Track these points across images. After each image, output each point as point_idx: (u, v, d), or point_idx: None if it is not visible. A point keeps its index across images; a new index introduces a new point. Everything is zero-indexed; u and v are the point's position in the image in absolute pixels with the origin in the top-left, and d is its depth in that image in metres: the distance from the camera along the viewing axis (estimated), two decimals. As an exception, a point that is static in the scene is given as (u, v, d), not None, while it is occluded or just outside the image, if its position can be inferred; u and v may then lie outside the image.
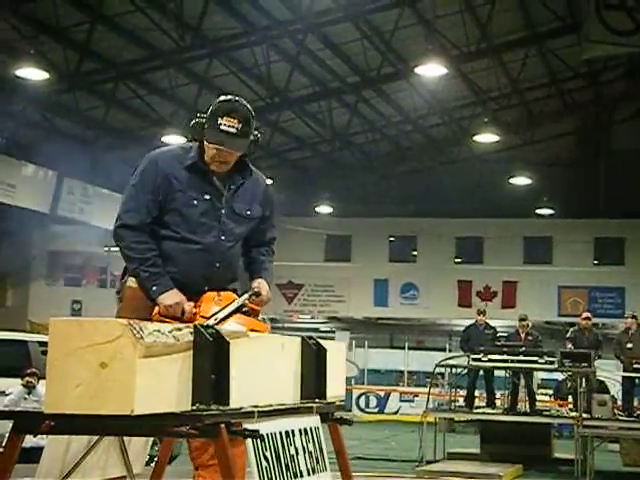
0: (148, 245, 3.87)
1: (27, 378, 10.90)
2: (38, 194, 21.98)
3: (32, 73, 16.44)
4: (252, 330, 3.66)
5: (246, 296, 3.85)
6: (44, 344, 2.49)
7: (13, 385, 11.02)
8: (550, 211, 27.66)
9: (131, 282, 3.93)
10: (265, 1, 16.93)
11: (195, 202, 3.91)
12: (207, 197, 3.94)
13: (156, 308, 3.76)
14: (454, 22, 18.70)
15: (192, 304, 3.78)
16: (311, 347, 3.73)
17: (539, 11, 19.13)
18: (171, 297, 3.77)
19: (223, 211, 3.96)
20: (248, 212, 4.06)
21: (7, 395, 10.89)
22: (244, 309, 3.81)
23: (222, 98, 3.94)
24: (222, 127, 3.82)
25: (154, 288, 3.79)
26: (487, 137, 22.35)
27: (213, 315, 3.67)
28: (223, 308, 3.72)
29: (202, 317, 3.66)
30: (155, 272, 3.82)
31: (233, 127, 3.83)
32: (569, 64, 22.03)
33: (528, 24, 19.87)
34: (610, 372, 15.92)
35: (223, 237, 3.96)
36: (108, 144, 22.63)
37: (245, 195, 4.05)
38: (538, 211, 27.75)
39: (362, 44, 18.97)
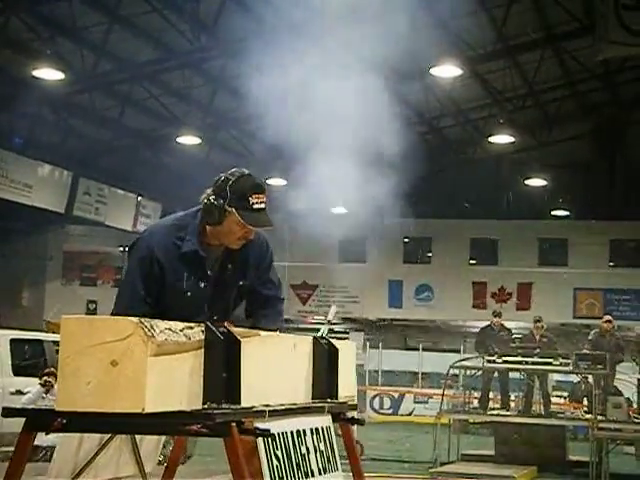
0: None
1: (45, 377, 10.96)
2: (54, 194, 22.08)
3: (48, 73, 16.53)
4: None
5: None
6: (59, 343, 2.50)
7: (32, 384, 11.10)
8: (565, 212, 27.56)
9: None
10: (281, 2, 16.93)
11: (189, 293, 3.80)
12: (202, 285, 3.83)
13: None
14: (470, 23, 18.65)
15: None
16: (323, 346, 3.73)
17: (555, 12, 19.06)
18: None
19: (215, 289, 3.86)
20: (240, 283, 3.95)
21: (25, 394, 10.98)
22: None
23: (237, 174, 3.77)
24: (255, 206, 3.70)
25: None
26: (502, 138, 22.27)
27: None
28: None
29: None
30: None
31: (263, 202, 3.73)
32: (585, 65, 21.93)
33: (544, 25, 19.80)
34: (625, 374, 15.84)
35: (216, 317, 3.83)
36: (123, 144, 22.72)
37: (238, 265, 3.93)
38: (553, 212, 27.65)
39: (377, 45, 18.93)
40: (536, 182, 25.66)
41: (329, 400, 3.71)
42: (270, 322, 3.99)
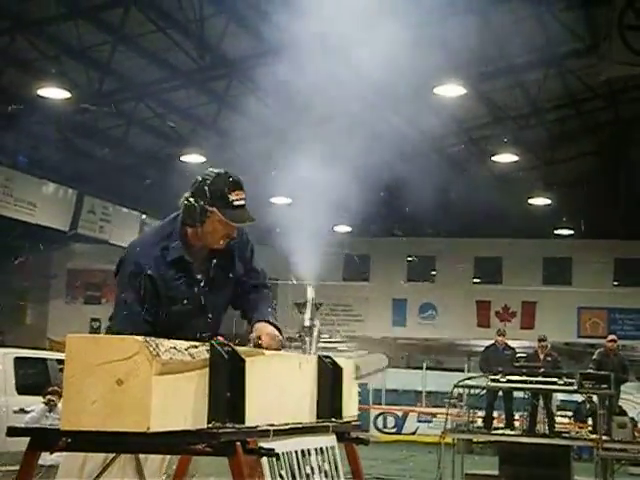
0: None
1: (49, 396, 10.94)
2: (58, 212, 22.13)
3: (53, 92, 16.62)
4: None
5: None
6: (62, 362, 2.49)
7: (35, 403, 11.08)
8: (570, 231, 27.53)
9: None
10: (285, 21, 16.99)
11: (186, 301, 3.79)
12: (195, 290, 3.82)
13: None
14: (473, 41, 18.69)
15: None
16: (327, 366, 3.72)
17: (558, 31, 19.10)
18: None
19: (207, 290, 3.85)
20: (230, 275, 3.95)
21: (29, 412, 10.96)
22: None
23: (215, 173, 3.76)
24: (235, 203, 3.70)
25: None
26: (506, 157, 22.30)
27: None
28: None
29: None
30: None
31: (242, 199, 3.73)
32: (589, 84, 21.97)
33: (547, 44, 19.84)
34: (630, 394, 15.78)
35: (211, 315, 3.88)
36: (128, 163, 22.78)
37: (225, 260, 3.92)
38: (557, 231, 27.62)
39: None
40: (540, 201, 25.66)
41: (334, 420, 3.70)
42: (262, 302, 4.03)
